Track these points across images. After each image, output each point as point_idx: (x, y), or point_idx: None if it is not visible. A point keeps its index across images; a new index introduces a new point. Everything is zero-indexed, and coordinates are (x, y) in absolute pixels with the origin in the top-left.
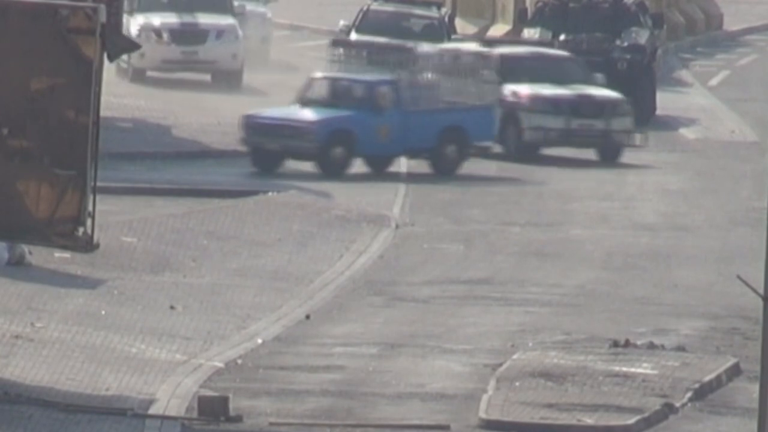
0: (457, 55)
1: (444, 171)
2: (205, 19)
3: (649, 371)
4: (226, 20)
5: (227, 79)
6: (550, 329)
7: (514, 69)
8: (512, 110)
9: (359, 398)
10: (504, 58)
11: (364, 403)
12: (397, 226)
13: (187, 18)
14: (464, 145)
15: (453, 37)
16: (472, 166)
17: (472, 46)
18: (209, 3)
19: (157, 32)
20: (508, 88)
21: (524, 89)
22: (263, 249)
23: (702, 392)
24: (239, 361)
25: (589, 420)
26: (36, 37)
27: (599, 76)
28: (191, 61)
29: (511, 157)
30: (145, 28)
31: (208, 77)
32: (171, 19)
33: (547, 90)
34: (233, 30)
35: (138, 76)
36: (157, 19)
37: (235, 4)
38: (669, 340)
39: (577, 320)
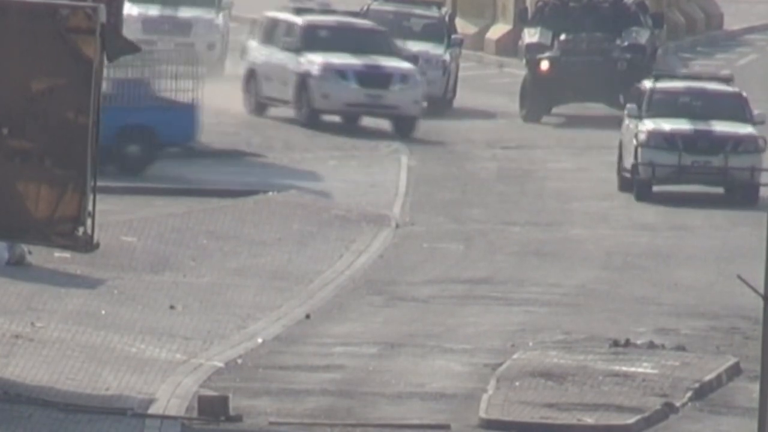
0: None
1: (127, 171)
2: (387, 62)
3: (649, 371)
4: (407, 64)
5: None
6: (550, 329)
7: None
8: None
9: (359, 398)
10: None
11: (364, 402)
12: (397, 226)
13: (368, 60)
14: (151, 146)
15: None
16: (472, 166)
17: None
18: (379, 45)
19: (342, 73)
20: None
21: (319, 58)
22: (263, 249)
23: (702, 392)
24: (239, 361)
25: (589, 420)
26: (36, 37)
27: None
28: (376, 105)
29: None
30: (327, 68)
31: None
32: (352, 60)
33: (339, 60)
34: (415, 75)
35: (312, 118)
36: (336, 59)
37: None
38: (669, 340)
39: (577, 320)
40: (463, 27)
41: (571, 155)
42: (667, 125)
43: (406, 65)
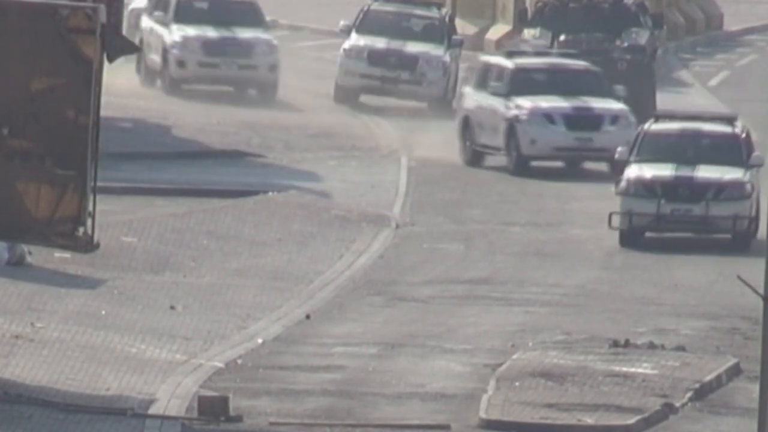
0: None
1: None
2: (598, 103)
3: (649, 371)
4: (618, 105)
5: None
6: (550, 329)
7: None
8: None
9: (359, 398)
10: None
11: (364, 403)
12: (397, 226)
13: (578, 102)
14: None
15: (454, 37)
16: (472, 166)
17: None
18: (592, 86)
19: (549, 117)
20: None
21: (527, 102)
22: (263, 249)
23: (702, 392)
24: (239, 361)
25: (589, 420)
26: (36, 37)
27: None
28: (585, 149)
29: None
30: (534, 112)
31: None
32: (561, 103)
33: (547, 103)
34: (627, 116)
35: (521, 165)
36: (544, 102)
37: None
38: (669, 340)
39: (577, 320)
40: (463, 27)
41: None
42: (650, 171)
43: (617, 106)
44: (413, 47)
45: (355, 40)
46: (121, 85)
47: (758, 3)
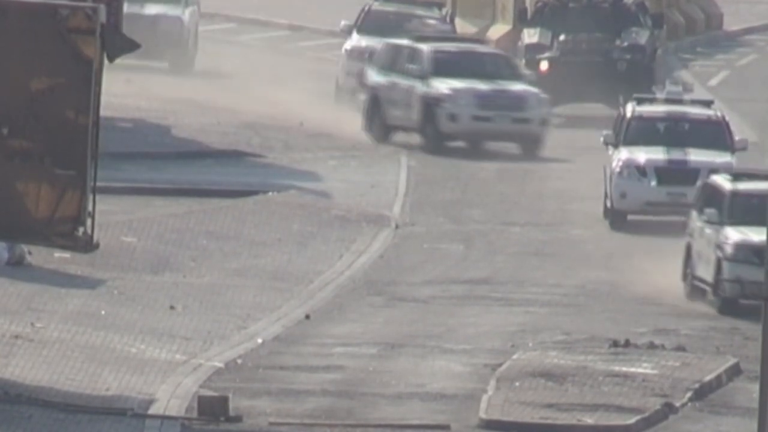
0: None
1: None
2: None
3: (649, 371)
4: (723, 158)
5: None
6: (550, 329)
7: None
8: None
9: (359, 398)
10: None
11: (364, 403)
12: (397, 226)
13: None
14: None
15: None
16: (472, 166)
17: None
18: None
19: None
20: None
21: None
22: (263, 249)
23: (702, 392)
24: (239, 361)
25: (589, 420)
26: (36, 37)
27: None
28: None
29: None
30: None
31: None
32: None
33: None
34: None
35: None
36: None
37: None
38: (669, 340)
39: (577, 320)
40: (463, 27)
41: (571, 155)
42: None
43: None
44: None
45: (357, 40)
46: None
47: (758, 3)
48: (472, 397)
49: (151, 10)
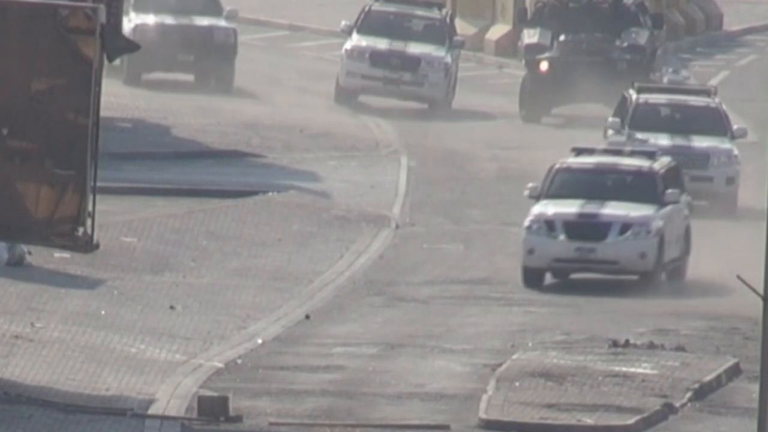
0: None
1: None
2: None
3: (649, 371)
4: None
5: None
6: (550, 329)
7: None
8: None
9: (359, 398)
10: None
11: (364, 403)
12: (397, 226)
13: None
14: None
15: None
16: (472, 166)
17: None
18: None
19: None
20: None
21: None
22: (263, 249)
23: (702, 392)
24: (239, 361)
25: (589, 420)
26: (36, 37)
27: None
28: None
29: None
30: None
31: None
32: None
33: None
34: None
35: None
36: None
37: None
38: (669, 341)
39: (577, 320)
40: (463, 27)
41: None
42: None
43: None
44: (415, 48)
45: (357, 40)
46: None
47: (758, 3)
48: (472, 397)
49: (203, 21)
